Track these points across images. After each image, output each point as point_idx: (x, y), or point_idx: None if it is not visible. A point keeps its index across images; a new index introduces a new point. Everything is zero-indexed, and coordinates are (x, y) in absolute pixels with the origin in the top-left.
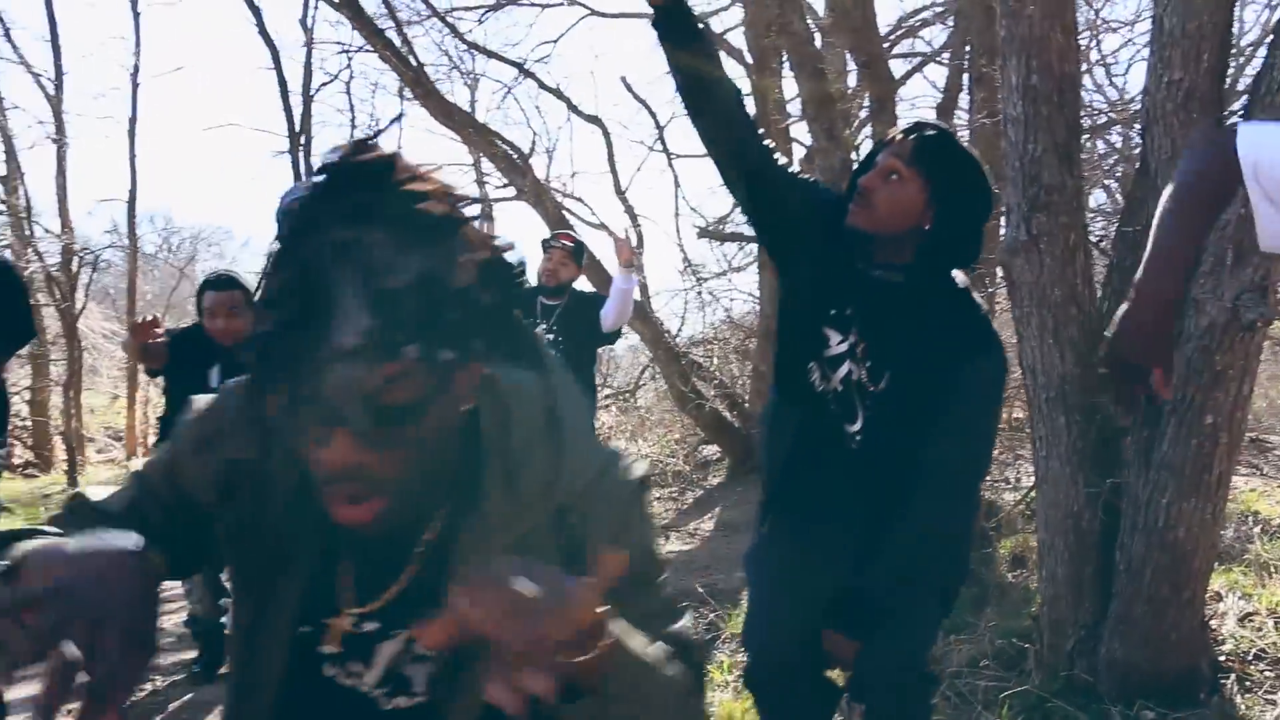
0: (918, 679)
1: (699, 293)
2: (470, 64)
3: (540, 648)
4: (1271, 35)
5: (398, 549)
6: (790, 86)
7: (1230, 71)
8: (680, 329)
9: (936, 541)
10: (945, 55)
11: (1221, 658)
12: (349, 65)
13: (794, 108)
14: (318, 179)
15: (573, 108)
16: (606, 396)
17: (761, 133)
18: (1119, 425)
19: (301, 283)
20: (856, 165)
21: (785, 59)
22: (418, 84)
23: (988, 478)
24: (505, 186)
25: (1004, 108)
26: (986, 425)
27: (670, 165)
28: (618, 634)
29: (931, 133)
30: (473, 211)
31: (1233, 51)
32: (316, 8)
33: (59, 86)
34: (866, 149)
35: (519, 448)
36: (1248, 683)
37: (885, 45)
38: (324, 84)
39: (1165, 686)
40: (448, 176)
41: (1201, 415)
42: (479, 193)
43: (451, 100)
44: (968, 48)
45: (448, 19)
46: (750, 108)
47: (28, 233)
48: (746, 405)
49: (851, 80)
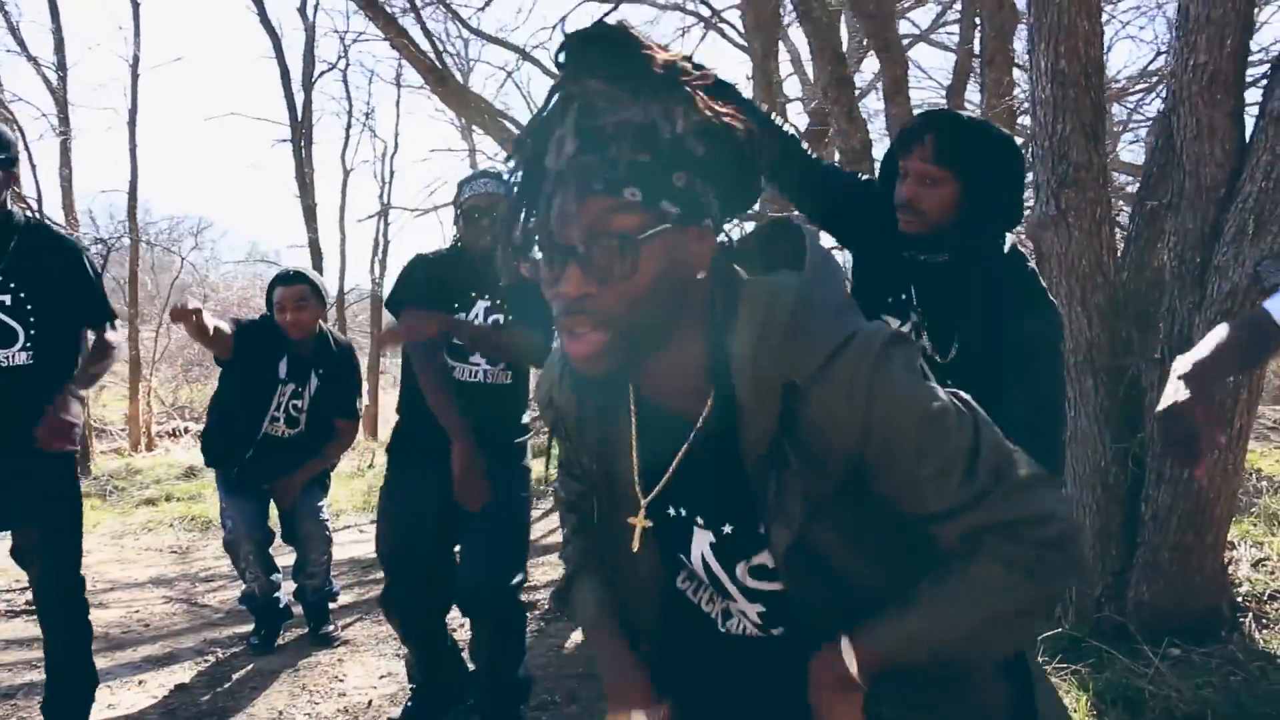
0: None
1: None
2: (463, 50)
3: None
4: None
5: (671, 440)
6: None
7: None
8: None
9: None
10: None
11: (1239, 599)
12: (345, 54)
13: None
14: (555, 56)
15: None
16: None
17: (815, 157)
18: (1143, 385)
19: (534, 133)
20: (886, 158)
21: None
22: (431, 71)
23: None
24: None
25: (1033, 90)
26: (1050, 377)
27: None
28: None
29: (947, 124)
30: (705, 79)
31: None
32: None
33: (63, 79)
34: (879, 127)
35: (764, 347)
36: (1264, 620)
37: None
38: (323, 72)
39: (1190, 625)
40: (674, 49)
41: None
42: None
43: (468, 88)
44: (978, 29)
45: (450, 5)
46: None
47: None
48: None
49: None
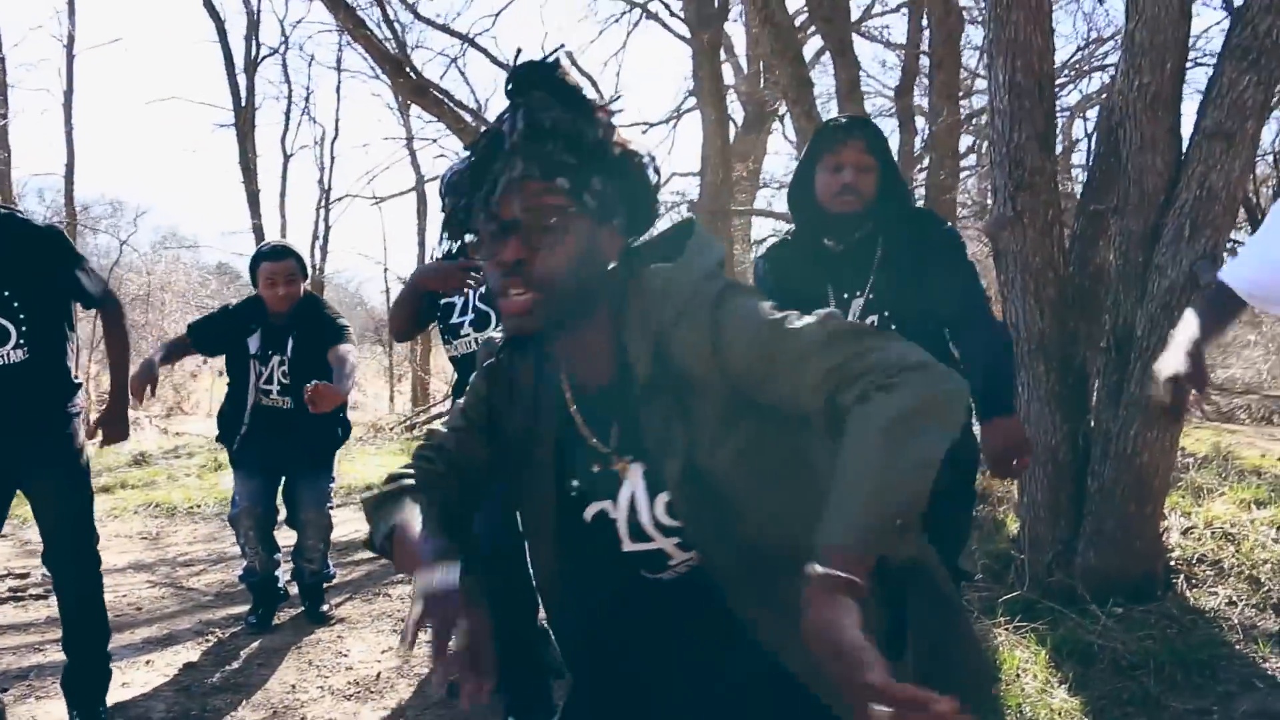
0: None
1: None
2: (405, 36)
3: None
4: (1220, 49)
5: (611, 402)
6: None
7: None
8: None
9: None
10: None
11: (1172, 562)
12: (285, 39)
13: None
14: (505, 82)
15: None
16: None
17: None
18: (1088, 372)
19: (486, 135)
20: (802, 157)
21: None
22: (387, 60)
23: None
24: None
25: (991, 101)
26: (974, 275)
27: None
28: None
29: (870, 126)
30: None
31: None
32: None
33: (0, 60)
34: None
35: (656, 327)
36: (1193, 581)
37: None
38: (266, 55)
39: (1131, 586)
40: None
41: None
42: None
43: (423, 78)
44: (926, 33)
45: None
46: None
47: None
48: None
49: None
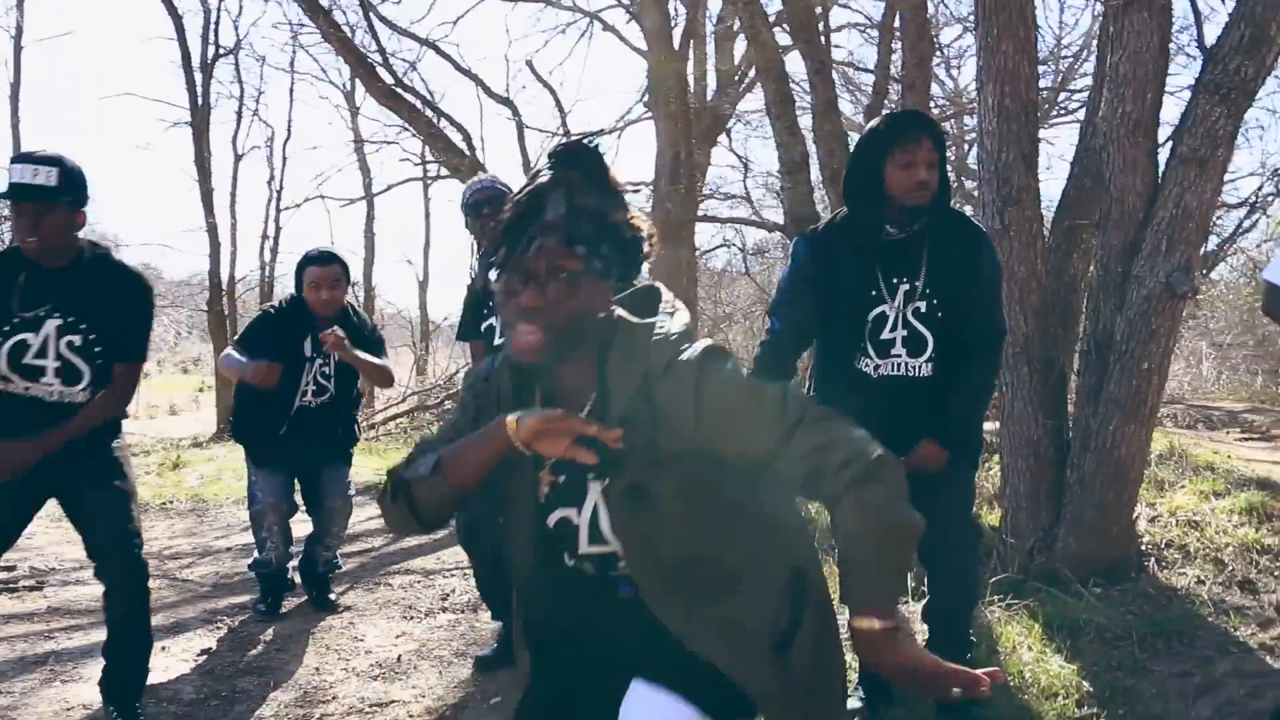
0: (973, 537)
1: None
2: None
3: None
4: (1194, 84)
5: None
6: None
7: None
8: None
9: (983, 399)
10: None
11: (1144, 547)
12: (239, 39)
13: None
14: (552, 150)
15: (484, 88)
16: None
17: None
18: (1065, 373)
19: (529, 197)
20: (858, 153)
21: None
22: (360, 64)
23: None
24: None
25: (980, 123)
26: (1000, 298)
27: None
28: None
29: (934, 125)
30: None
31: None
32: None
33: None
34: (815, 145)
35: (629, 361)
36: (1163, 563)
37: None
38: (224, 53)
39: (1107, 569)
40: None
41: (1140, 362)
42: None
43: (391, 84)
44: (898, 57)
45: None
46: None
47: None
48: None
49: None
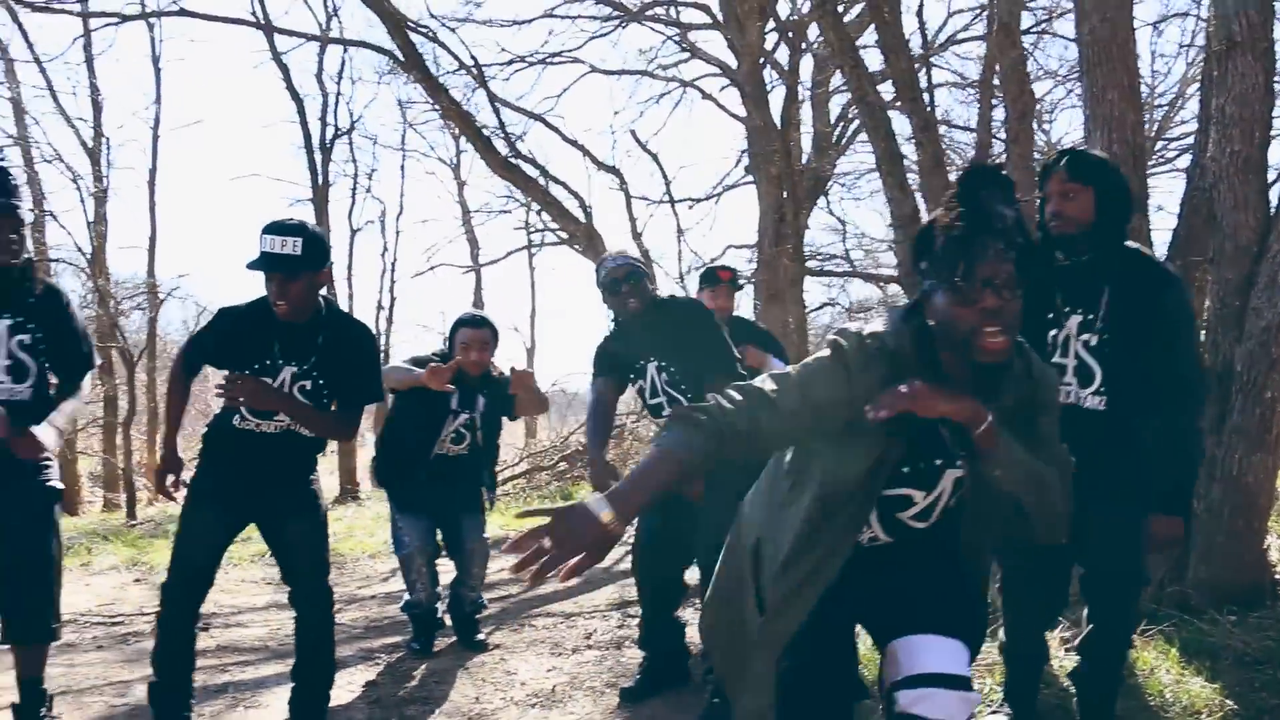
0: (1138, 581)
1: None
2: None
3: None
4: None
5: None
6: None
7: None
8: None
9: (1195, 454)
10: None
11: (1278, 574)
12: (354, 120)
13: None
14: (962, 174)
15: (592, 158)
16: None
17: None
18: None
19: (973, 210)
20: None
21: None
22: (478, 138)
23: None
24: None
25: None
26: (1193, 341)
27: (674, 210)
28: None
29: (1076, 153)
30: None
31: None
32: (344, 62)
33: (97, 137)
34: (924, 200)
35: (1029, 372)
36: None
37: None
38: (339, 134)
39: (1240, 597)
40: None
41: (1263, 391)
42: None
43: (520, 154)
44: (1001, 112)
45: (475, 74)
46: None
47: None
48: None
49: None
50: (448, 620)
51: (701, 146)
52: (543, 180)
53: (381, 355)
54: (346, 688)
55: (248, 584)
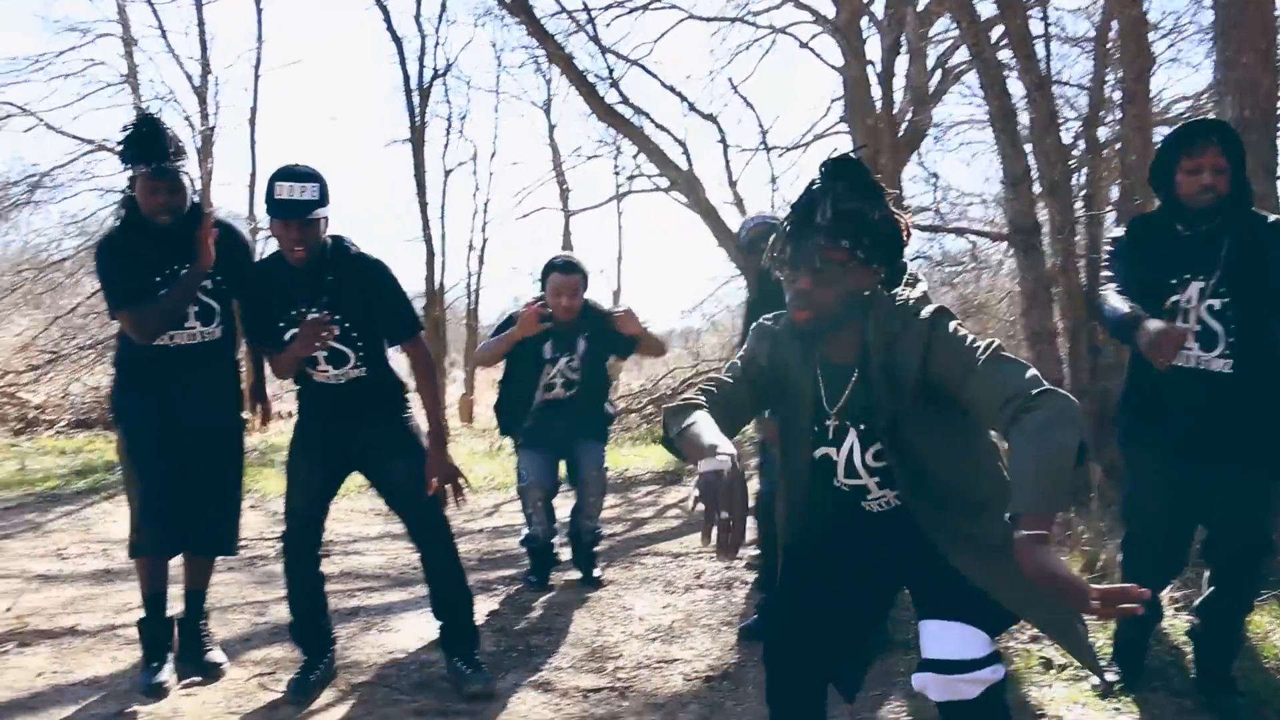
0: (1265, 547)
1: None
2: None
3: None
4: None
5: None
6: None
7: None
8: None
9: None
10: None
11: None
12: (449, 62)
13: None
14: (822, 163)
15: (690, 105)
16: None
17: None
18: None
19: (803, 204)
20: (1155, 162)
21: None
22: (582, 83)
23: None
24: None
25: None
26: None
27: (768, 159)
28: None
29: (1224, 131)
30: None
31: None
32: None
33: (204, 75)
34: (1034, 159)
35: (880, 325)
36: None
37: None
38: (436, 75)
39: None
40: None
41: None
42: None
43: (626, 100)
44: (1117, 72)
45: (578, 19)
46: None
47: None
48: None
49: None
50: (563, 555)
51: (788, 95)
52: (645, 126)
53: (407, 286)
54: None
55: (357, 514)
